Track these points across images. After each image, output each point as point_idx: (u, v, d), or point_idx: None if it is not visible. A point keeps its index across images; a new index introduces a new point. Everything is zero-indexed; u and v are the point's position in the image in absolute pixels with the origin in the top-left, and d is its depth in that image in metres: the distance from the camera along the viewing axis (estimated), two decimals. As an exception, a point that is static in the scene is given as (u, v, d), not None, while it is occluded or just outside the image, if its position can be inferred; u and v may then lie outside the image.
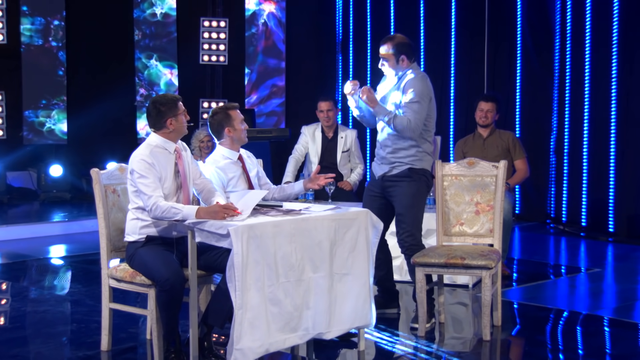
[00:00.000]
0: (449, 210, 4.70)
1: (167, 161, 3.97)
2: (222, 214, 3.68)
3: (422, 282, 4.40)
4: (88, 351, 4.20)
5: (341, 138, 6.49)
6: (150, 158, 3.90)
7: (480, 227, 4.64)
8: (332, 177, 4.33)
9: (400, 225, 4.62)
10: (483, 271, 4.29)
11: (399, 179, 4.63)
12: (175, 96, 4.06)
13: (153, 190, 3.84)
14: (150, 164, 3.88)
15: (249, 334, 3.50)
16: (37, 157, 10.26)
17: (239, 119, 4.39)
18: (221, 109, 4.40)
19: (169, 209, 3.80)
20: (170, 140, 4.00)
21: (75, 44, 10.46)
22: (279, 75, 10.96)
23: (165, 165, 3.95)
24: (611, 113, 7.67)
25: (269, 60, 10.90)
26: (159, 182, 3.89)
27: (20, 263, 6.81)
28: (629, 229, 7.59)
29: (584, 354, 4.25)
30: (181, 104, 4.03)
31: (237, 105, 4.46)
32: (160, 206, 3.80)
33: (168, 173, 3.96)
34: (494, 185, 4.62)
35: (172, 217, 3.81)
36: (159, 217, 3.85)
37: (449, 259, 4.33)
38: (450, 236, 4.69)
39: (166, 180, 3.94)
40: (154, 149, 3.95)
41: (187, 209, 3.78)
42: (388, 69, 4.67)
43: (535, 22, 8.63)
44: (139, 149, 3.96)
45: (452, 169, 4.70)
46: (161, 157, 3.95)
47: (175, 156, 4.01)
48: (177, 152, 4.03)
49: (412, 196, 4.60)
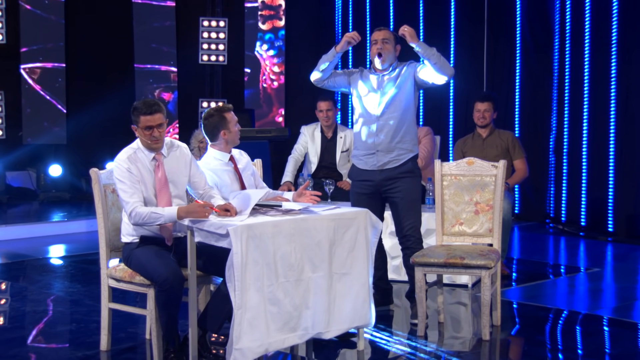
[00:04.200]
0: (449, 210, 4.70)
1: (150, 165, 3.94)
2: (202, 213, 3.67)
3: (422, 281, 4.41)
4: (87, 351, 4.20)
5: (340, 138, 6.48)
6: (126, 163, 3.87)
7: (479, 226, 4.64)
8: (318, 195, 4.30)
9: (406, 219, 4.66)
10: (482, 271, 4.29)
11: (402, 175, 4.67)
12: (144, 106, 3.90)
13: (130, 196, 3.81)
14: (126, 169, 3.85)
15: (248, 333, 3.50)
16: (37, 157, 10.27)
17: (233, 121, 4.37)
18: (216, 112, 4.34)
19: (149, 214, 3.77)
20: (146, 148, 3.96)
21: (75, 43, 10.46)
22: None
23: (145, 169, 3.92)
24: (610, 113, 7.67)
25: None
26: (137, 187, 3.85)
27: (19, 263, 6.81)
28: (628, 228, 7.59)
29: (583, 353, 4.25)
30: (147, 118, 3.88)
31: (232, 107, 4.42)
32: (140, 212, 3.78)
33: (148, 177, 3.92)
34: (494, 185, 4.62)
35: (154, 222, 3.79)
36: (140, 224, 3.82)
37: (448, 258, 4.34)
38: (449, 236, 4.70)
39: (147, 184, 3.91)
40: (133, 155, 3.92)
41: (167, 212, 3.76)
42: (386, 52, 4.65)
43: (534, 21, 8.63)
44: (120, 153, 3.94)
45: (452, 169, 4.71)
46: (140, 162, 3.92)
47: (155, 164, 3.96)
48: (157, 159, 3.97)
49: (417, 191, 4.70)
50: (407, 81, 4.67)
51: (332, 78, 4.83)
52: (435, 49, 4.57)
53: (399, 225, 4.72)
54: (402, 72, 4.68)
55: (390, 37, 4.69)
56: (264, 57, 11.06)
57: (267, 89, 11.09)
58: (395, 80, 4.68)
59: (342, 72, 4.87)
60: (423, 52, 4.55)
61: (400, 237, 4.73)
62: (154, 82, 10.82)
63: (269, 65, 11.08)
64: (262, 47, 11.04)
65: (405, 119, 4.68)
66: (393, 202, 4.72)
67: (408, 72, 4.68)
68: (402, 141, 4.68)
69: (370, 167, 4.74)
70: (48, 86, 10.29)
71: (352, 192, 4.87)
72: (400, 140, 4.68)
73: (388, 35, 4.70)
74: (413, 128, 4.74)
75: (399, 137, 4.67)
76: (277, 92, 11.11)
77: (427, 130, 6.39)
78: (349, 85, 4.83)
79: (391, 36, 4.70)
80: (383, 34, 4.69)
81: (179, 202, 3.99)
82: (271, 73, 11.09)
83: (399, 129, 4.66)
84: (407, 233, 4.67)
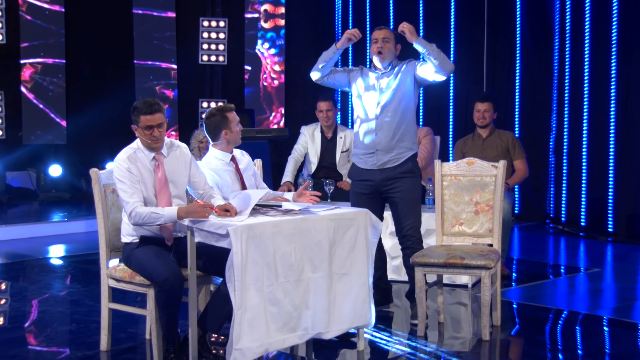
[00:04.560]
0: (449, 210, 4.70)
1: (150, 165, 3.94)
2: (202, 213, 3.68)
3: (422, 282, 4.41)
4: (87, 351, 4.20)
5: (340, 138, 6.48)
6: (126, 163, 3.87)
7: (479, 227, 4.64)
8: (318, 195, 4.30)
9: (406, 219, 4.66)
10: (482, 271, 4.29)
11: (402, 175, 4.67)
12: (145, 106, 3.90)
13: (130, 195, 3.81)
14: (126, 169, 3.85)
15: (248, 334, 3.50)
16: (37, 157, 10.26)
17: (235, 120, 4.37)
18: (218, 111, 4.35)
19: (149, 214, 3.77)
20: (146, 148, 3.96)
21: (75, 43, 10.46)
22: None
23: (145, 169, 3.92)
24: (610, 113, 7.67)
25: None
26: (137, 187, 3.85)
27: (19, 263, 6.81)
28: (628, 228, 7.59)
29: (583, 354, 4.24)
30: (147, 118, 3.89)
31: (234, 107, 4.43)
32: (140, 212, 3.77)
33: (148, 177, 3.92)
34: (494, 185, 4.62)
35: (154, 222, 3.79)
36: (140, 224, 3.82)
37: (448, 258, 4.34)
38: (449, 236, 4.70)
39: (147, 184, 3.91)
40: (133, 155, 3.92)
41: (167, 212, 3.76)
42: (387, 51, 4.66)
43: (534, 21, 8.63)
44: (120, 153, 3.94)
45: (452, 169, 4.71)
46: (140, 162, 3.92)
47: (155, 164, 3.96)
48: (157, 159, 3.98)
49: (417, 191, 4.72)
50: (407, 79, 4.67)
51: (332, 75, 4.83)
52: (435, 45, 4.57)
53: (398, 225, 4.73)
54: (402, 70, 4.69)
55: (390, 36, 4.70)
56: (265, 56, 11.05)
57: (267, 87, 11.08)
58: (395, 79, 4.68)
59: (342, 70, 4.88)
60: (423, 48, 4.56)
61: (400, 237, 4.74)
62: (154, 79, 10.82)
63: (270, 63, 11.07)
64: (263, 45, 11.03)
65: (404, 117, 4.67)
66: (393, 202, 4.73)
67: (407, 69, 4.68)
68: (401, 140, 4.68)
69: (370, 166, 4.74)
70: (48, 86, 10.28)
71: (352, 192, 4.87)
72: (400, 139, 4.67)
73: (388, 34, 4.70)
74: (413, 126, 4.74)
75: (398, 135, 4.67)
76: (277, 91, 11.10)
77: (427, 130, 6.39)
78: (349, 83, 4.83)
79: (392, 35, 4.71)
80: (383, 32, 4.69)
81: (178, 202, 3.99)
82: (272, 72, 11.08)
83: (398, 127, 4.66)
84: (407, 233, 4.67)
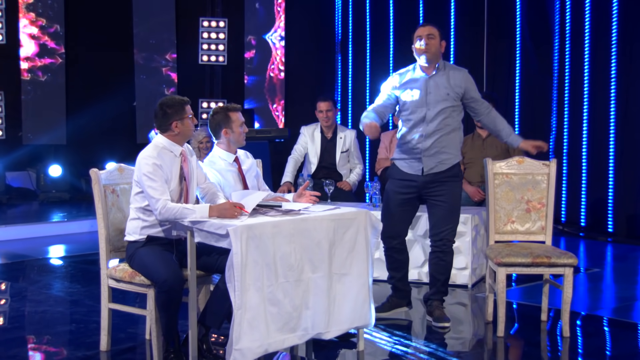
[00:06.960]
0: (500, 209, 4.72)
1: (173, 163, 3.96)
2: (232, 212, 3.70)
3: (504, 282, 4.39)
4: (87, 351, 4.20)
5: (340, 138, 6.49)
6: (158, 159, 3.88)
7: (532, 224, 4.71)
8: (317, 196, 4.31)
9: (446, 224, 4.61)
10: (566, 269, 4.38)
11: (446, 179, 4.61)
12: (183, 99, 4.01)
13: (161, 193, 3.82)
14: (158, 166, 3.86)
15: (248, 334, 3.50)
16: (37, 157, 10.26)
17: (238, 121, 4.39)
18: (222, 109, 4.40)
19: (180, 210, 3.76)
20: (176, 143, 3.99)
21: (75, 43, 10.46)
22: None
23: (170, 168, 3.94)
24: (610, 113, 7.67)
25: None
26: (165, 184, 3.87)
27: (19, 263, 6.81)
28: (628, 229, 7.60)
29: (583, 353, 4.25)
30: (189, 107, 4.00)
31: (239, 107, 4.44)
32: (171, 208, 3.77)
33: (173, 175, 3.95)
34: (546, 183, 4.68)
35: (185, 218, 3.76)
36: (170, 219, 3.81)
37: (535, 258, 4.37)
38: (502, 234, 4.73)
39: (171, 182, 3.93)
40: (162, 151, 3.93)
41: (199, 209, 3.77)
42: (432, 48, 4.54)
43: (534, 21, 8.63)
44: (146, 150, 3.93)
45: (502, 168, 4.73)
46: (167, 159, 3.93)
47: (181, 159, 3.99)
48: (184, 155, 4.01)
49: (459, 196, 4.71)
50: (455, 91, 4.57)
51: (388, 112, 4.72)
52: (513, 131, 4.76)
53: (436, 227, 4.64)
54: (455, 81, 4.58)
55: (435, 33, 4.56)
56: (276, 46, 11.00)
57: (273, 78, 11.05)
58: (445, 86, 4.57)
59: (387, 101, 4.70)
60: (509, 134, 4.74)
61: (435, 239, 4.65)
62: (154, 79, 10.81)
63: (280, 55, 11.03)
64: (274, 35, 10.99)
65: (452, 124, 4.60)
66: (434, 204, 4.64)
67: (459, 86, 4.57)
68: (448, 146, 4.60)
69: (415, 171, 4.64)
70: (48, 86, 10.28)
71: (389, 190, 4.75)
72: (446, 145, 4.60)
73: (433, 30, 4.57)
74: (460, 133, 4.69)
75: (445, 142, 4.59)
76: (281, 84, 11.08)
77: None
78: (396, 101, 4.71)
79: (436, 32, 4.57)
80: (428, 29, 4.56)
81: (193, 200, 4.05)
82: (280, 63, 11.03)
83: (446, 134, 4.59)
84: (444, 237, 4.61)
